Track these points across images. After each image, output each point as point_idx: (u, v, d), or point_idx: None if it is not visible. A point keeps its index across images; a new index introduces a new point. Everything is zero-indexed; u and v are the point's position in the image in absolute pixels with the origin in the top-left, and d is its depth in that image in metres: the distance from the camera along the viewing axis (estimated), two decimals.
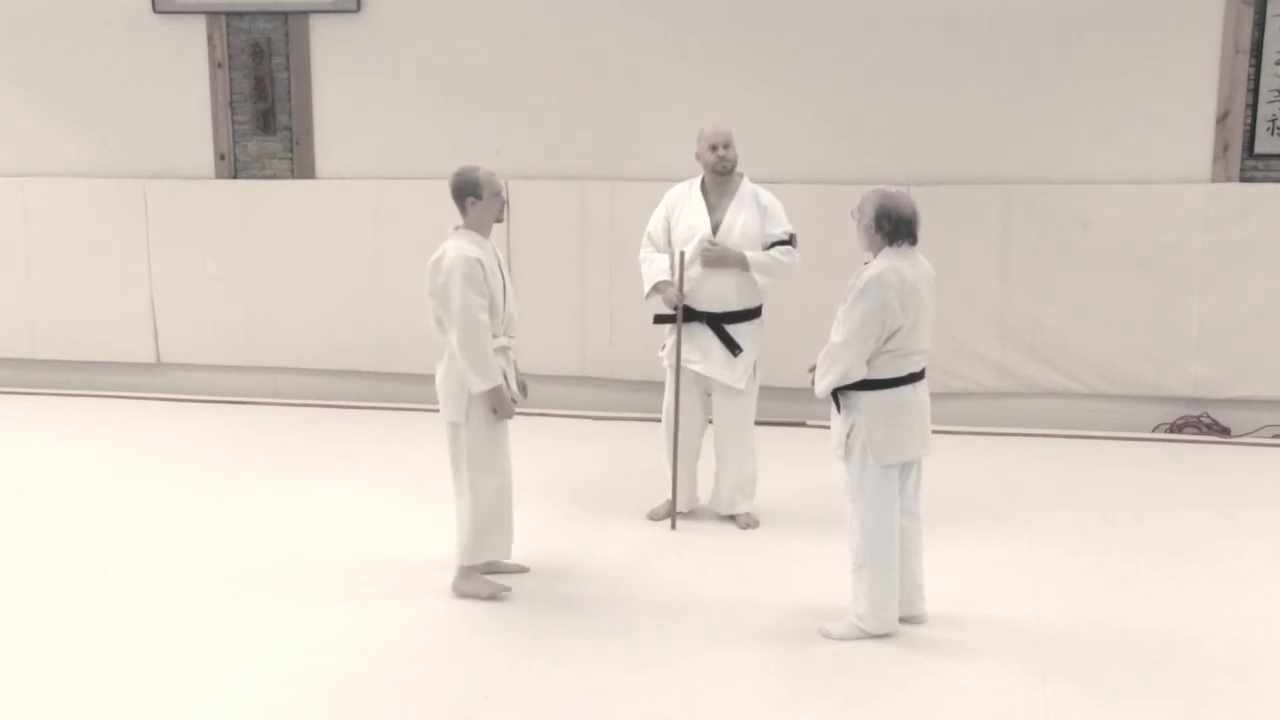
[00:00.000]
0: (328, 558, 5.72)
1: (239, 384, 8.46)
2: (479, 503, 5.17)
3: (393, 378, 8.19)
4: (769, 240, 5.85)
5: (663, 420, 6.13)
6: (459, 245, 5.07)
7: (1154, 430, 7.53)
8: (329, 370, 8.35)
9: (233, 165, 8.30)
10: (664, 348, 6.05)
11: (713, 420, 6.09)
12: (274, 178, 8.27)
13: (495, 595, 5.24)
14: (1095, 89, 7.35)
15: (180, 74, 8.22)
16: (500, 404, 5.12)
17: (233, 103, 8.22)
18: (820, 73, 7.60)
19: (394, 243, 8.04)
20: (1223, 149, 7.29)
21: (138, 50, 8.24)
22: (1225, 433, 7.44)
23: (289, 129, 8.20)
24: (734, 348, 5.88)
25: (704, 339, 5.91)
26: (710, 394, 6.03)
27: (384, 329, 8.17)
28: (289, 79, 8.14)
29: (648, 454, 6.52)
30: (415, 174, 8.04)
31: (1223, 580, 5.44)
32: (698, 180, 5.96)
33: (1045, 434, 7.49)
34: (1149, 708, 4.40)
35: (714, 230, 5.85)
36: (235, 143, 8.27)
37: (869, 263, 4.77)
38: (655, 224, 6.01)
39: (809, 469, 6.48)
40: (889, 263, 4.70)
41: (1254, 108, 7.23)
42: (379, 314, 8.18)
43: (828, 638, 4.89)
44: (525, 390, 5.39)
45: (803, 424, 7.46)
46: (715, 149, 5.82)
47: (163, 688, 4.58)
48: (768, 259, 5.81)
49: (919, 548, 5.00)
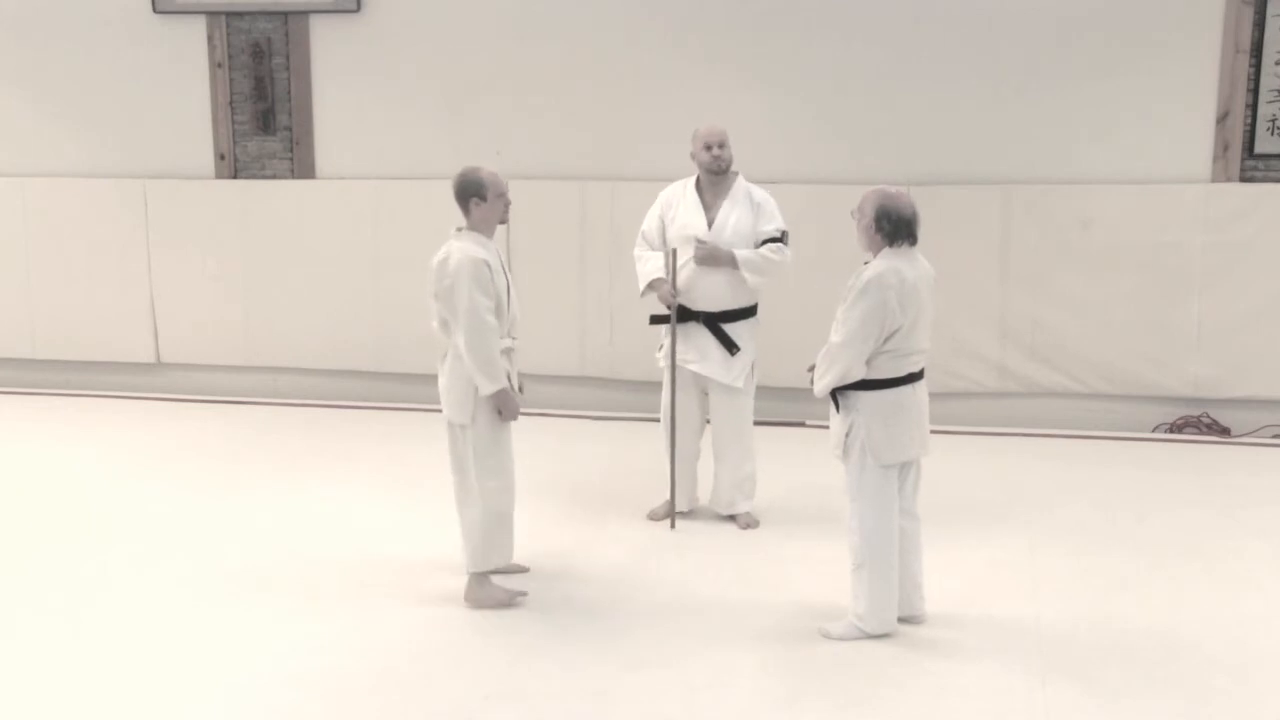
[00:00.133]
0: (328, 558, 5.72)
1: (239, 384, 8.46)
2: (488, 506, 5.13)
3: (393, 378, 8.19)
4: (760, 238, 5.84)
5: (661, 421, 6.13)
6: (465, 247, 5.03)
7: (1154, 430, 7.53)
8: (329, 370, 8.35)
9: (233, 165, 8.30)
10: (661, 348, 6.05)
11: (710, 420, 6.09)
12: (274, 178, 8.27)
13: (512, 602, 5.19)
14: (1095, 89, 7.35)
15: (180, 74, 8.22)
16: (507, 406, 5.09)
17: (233, 103, 8.22)
18: (820, 73, 7.60)
19: (394, 243, 8.04)
20: (1223, 149, 7.29)
21: (138, 50, 8.23)
22: (1225, 433, 7.44)
23: (289, 129, 8.20)
24: (731, 346, 5.88)
25: (701, 338, 5.91)
26: (708, 393, 6.03)
27: (384, 329, 8.17)
28: (289, 79, 8.14)
29: (648, 454, 6.53)
30: (415, 174, 8.04)
31: (1223, 580, 5.44)
32: (693, 179, 5.96)
33: (1045, 434, 7.49)
34: (1149, 708, 4.40)
35: (708, 228, 5.85)
36: (235, 143, 8.27)
37: (868, 263, 4.77)
38: (650, 223, 6.01)
39: (808, 469, 6.48)
40: (889, 263, 4.70)
41: (1254, 108, 7.23)
42: (379, 314, 8.18)
43: (827, 638, 4.89)
44: (522, 390, 5.38)
45: (802, 424, 7.46)
46: (710, 148, 5.82)
47: (163, 688, 4.58)
48: (757, 257, 5.80)
49: (918, 548, 5.00)
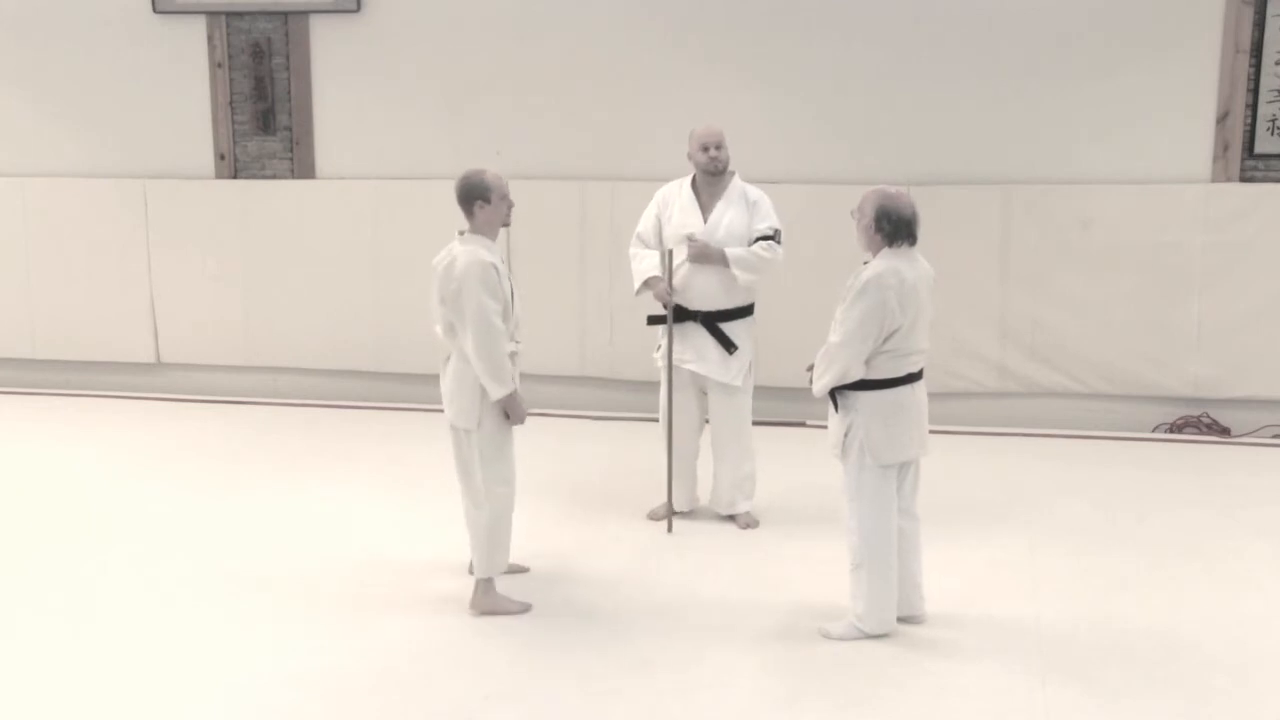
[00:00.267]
0: (327, 558, 5.72)
1: (239, 384, 8.46)
2: (495, 511, 5.10)
3: (393, 378, 8.19)
4: (753, 235, 5.84)
5: (660, 421, 6.13)
6: (472, 250, 4.99)
7: (1154, 430, 7.53)
8: (329, 370, 8.35)
9: (233, 165, 8.30)
10: (659, 348, 6.05)
11: (709, 420, 6.09)
12: (274, 178, 8.27)
13: (523, 611, 5.15)
14: (1095, 89, 7.35)
15: (180, 74, 8.22)
16: (515, 410, 5.06)
17: (233, 103, 8.22)
18: (820, 73, 7.60)
19: (394, 243, 8.04)
20: (1223, 149, 7.29)
21: (138, 50, 8.23)
22: (1225, 433, 7.44)
23: (289, 129, 8.20)
24: (729, 346, 5.88)
25: (698, 338, 5.91)
26: (706, 393, 6.03)
27: (384, 329, 8.17)
28: (289, 79, 8.14)
29: (648, 454, 6.52)
30: (415, 174, 8.04)
31: (1223, 580, 5.44)
32: (688, 179, 5.96)
33: (1045, 434, 7.49)
34: (1149, 708, 4.40)
35: (704, 223, 5.85)
36: (235, 143, 8.27)
37: (868, 263, 4.77)
38: (645, 223, 6.01)
39: (808, 469, 6.48)
40: (888, 263, 4.70)
41: (1254, 108, 7.23)
42: (379, 314, 8.17)
43: (827, 638, 4.89)
44: None
45: (802, 424, 7.45)
46: (707, 149, 5.82)
47: (163, 687, 4.58)
48: (749, 255, 5.80)
49: (917, 548, 5.00)
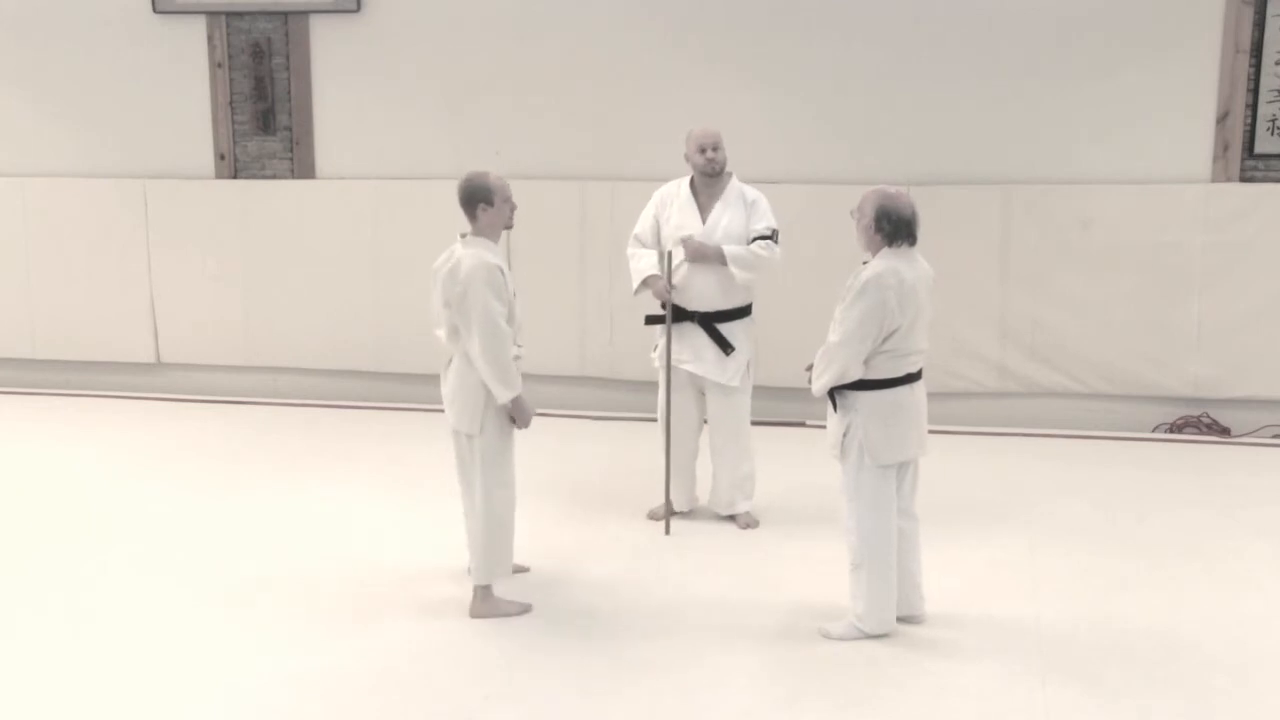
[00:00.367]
0: (328, 558, 5.72)
1: (239, 384, 8.46)
2: (495, 514, 5.07)
3: (393, 378, 8.19)
4: (751, 235, 5.84)
5: (658, 422, 6.13)
6: (476, 253, 4.95)
7: (1154, 430, 7.53)
8: (329, 370, 8.35)
9: (233, 165, 8.30)
10: (656, 348, 6.05)
11: (707, 420, 6.09)
12: (274, 178, 8.27)
13: (523, 612, 5.14)
14: (1095, 89, 7.35)
15: (180, 74, 8.22)
16: (522, 414, 5.03)
17: (233, 103, 8.22)
18: (820, 73, 7.60)
19: (394, 243, 8.04)
20: (1223, 149, 7.29)
21: (138, 50, 8.23)
22: (1225, 433, 7.44)
23: (289, 129, 8.20)
24: (725, 346, 5.88)
25: (695, 338, 5.91)
26: (704, 393, 6.03)
27: (384, 329, 8.17)
28: (289, 79, 8.14)
29: (648, 454, 6.52)
30: (415, 174, 8.04)
31: (1223, 580, 5.44)
32: (686, 179, 5.96)
33: (1045, 434, 7.49)
34: (1149, 708, 4.40)
35: (703, 224, 5.85)
36: (235, 143, 8.27)
37: (867, 263, 4.77)
38: (643, 225, 6.00)
39: (808, 469, 6.48)
40: (888, 263, 4.70)
41: (1254, 108, 7.23)
42: (379, 314, 8.17)
43: (827, 638, 4.89)
44: None
45: (801, 424, 7.45)
46: (704, 151, 5.82)
47: (163, 687, 4.58)
48: (746, 253, 5.79)
49: (916, 547, 5.00)
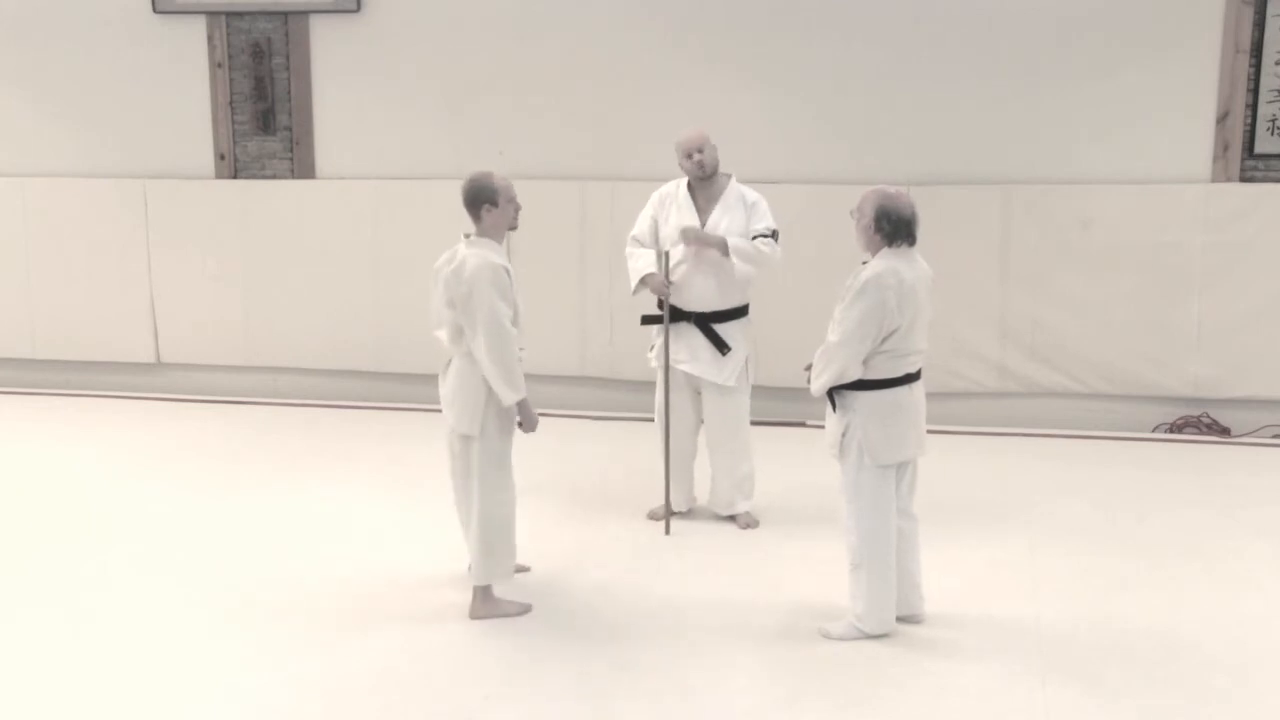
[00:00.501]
0: (328, 558, 5.72)
1: (239, 384, 8.46)
2: (494, 517, 5.05)
3: (393, 378, 8.19)
4: (751, 234, 5.85)
5: (655, 422, 6.14)
6: (481, 253, 4.92)
7: (1154, 430, 7.53)
8: (329, 370, 8.35)
9: (233, 165, 8.30)
10: (652, 348, 6.05)
11: (704, 420, 6.09)
12: (274, 178, 8.27)
13: (523, 613, 5.13)
14: (1095, 89, 7.35)
15: (180, 74, 8.22)
16: (528, 416, 5.00)
17: (233, 103, 8.22)
18: (820, 73, 7.60)
19: (394, 243, 8.04)
20: (1223, 149, 7.29)
21: (138, 50, 8.23)
22: (1225, 433, 7.44)
23: (289, 129, 8.20)
24: (722, 347, 5.88)
25: (692, 339, 5.91)
26: (701, 393, 6.03)
27: (384, 329, 8.16)
28: (289, 79, 8.14)
29: (647, 454, 6.52)
30: (415, 174, 8.04)
31: (1223, 580, 5.44)
32: (685, 181, 5.96)
33: (1045, 434, 7.49)
34: (1149, 707, 4.40)
35: (701, 228, 5.85)
36: (235, 143, 8.27)
37: (867, 263, 4.77)
38: (641, 225, 6.00)
39: (808, 469, 6.47)
40: (887, 263, 4.70)
41: (1254, 108, 7.23)
42: (379, 314, 8.17)
43: (827, 638, 4.89)
44: None
45: (801, 424, 7.45)
46: (690, 156, 5.83)
47: (163, 687, 4.58)
48: (749, 245, 5.79)
49: (916, 547, 5.00)
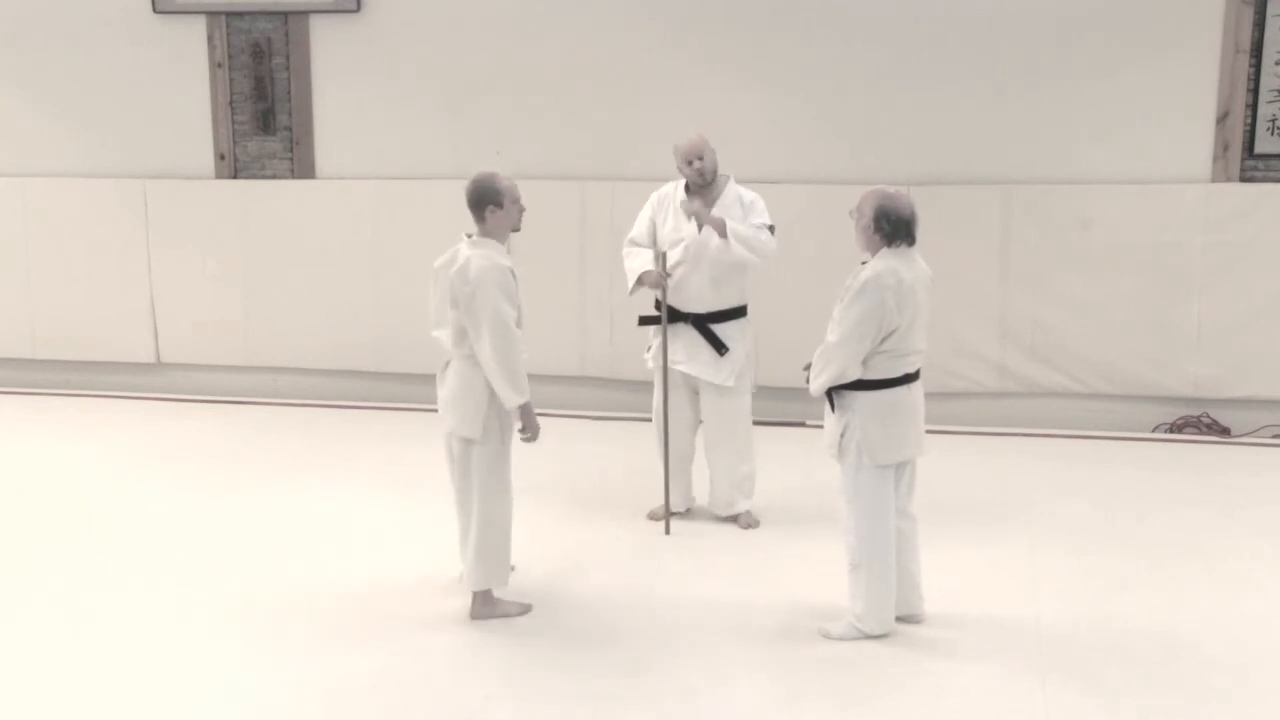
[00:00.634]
0: (327, 558, 5.72)
1: (239, 384, 8.46)
2: (495, 521, 5.04)
3: (393, 378, 8.19)
4: None
5: (653, 422, 6.14)
6: (486, 254, 4.89)
7: (1154, 430, 7.53)
8: (329, 370, 8.35)
9: (233, 165, 8.30)
10: (649, 349, 6.05)
11: (703, 420, 6.08)
12: (274, 178, 8.27)
13: (523, 613, 5.12)
14: (1095, 89, 7.35)
15: (180, 74, 8.22)
16: (531, 420, 4.96)
17: (233, 103, 8.22)
18: (820, 73, 7.60)
19: (394, 243, 8.04)
20: (1223, 149, 7.29)
21: (138, 50, 8.23)
22: (1225, 433, 7.44)
23: (289, 129, 8.20)
24: (720, 347, 5.88)
25: (689, 339, 5.91)
26: (699, 393, 6.03)
27: (384, 329, 8.16)
28: (289, 79, 8.14)
29: (647, 454, 6.52)
30: (415, 174, 8.04)
31: (1223, 580, 5.44)
32: (683, 182, 5.96)
33: (1045, 434, 7.48)
34: (1149, 707, 4.40)
35: (698, 231, 5.85)
36: (235, 143, 8.27)
37: (866, 263, 4.77)
38: (639, 227, 6.00)
39: (808, 469, 6.48)
40: (887, 263, 4.69)
41: (1254, 108, 7.23)
42: (379, 314, 8.17)
43: (827, 638, 4.89)
44: None
45: (801, 424, 7.45)
46: (691, 163, 5.82)
47: (163, 687, 4.58)
48: (748, 229, 5.78)
49: (915, 547, 5.00)
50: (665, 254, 5.84)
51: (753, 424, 6.09)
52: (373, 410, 8.05)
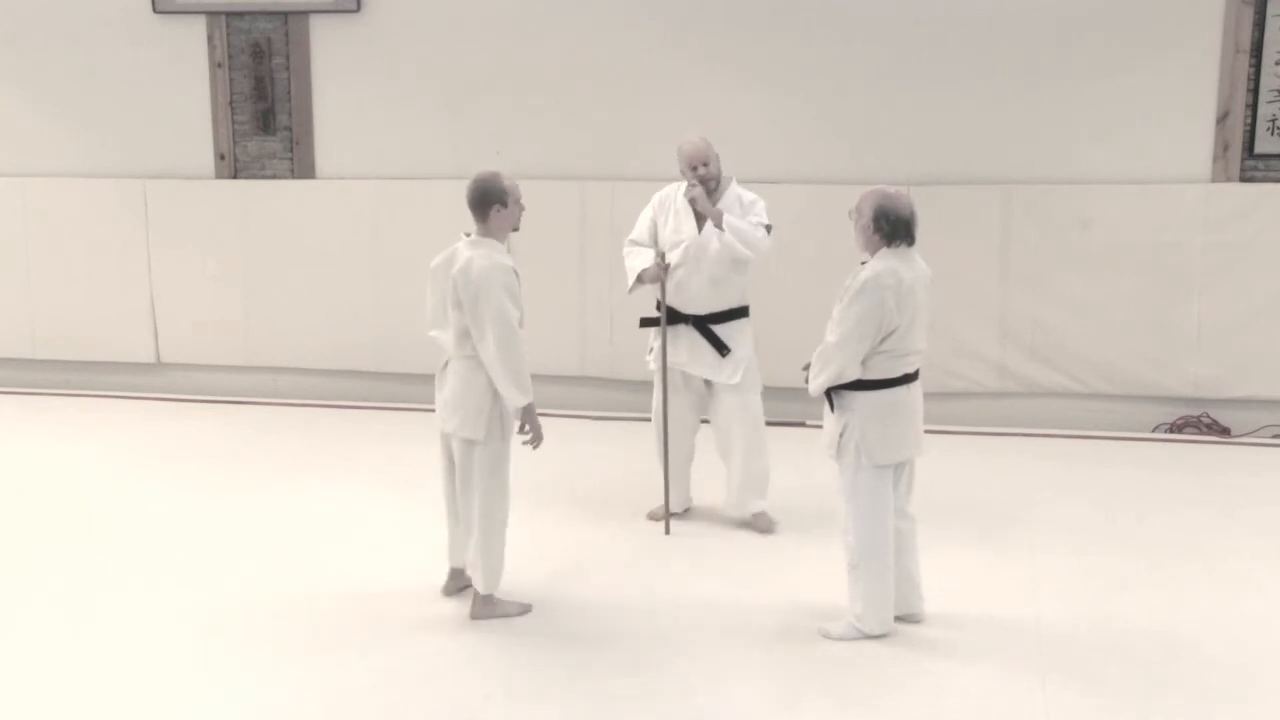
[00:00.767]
0: (328, 558, 5.72)
1: (239, 384, 8.45)
2: (496, 522, 5.03)
3: (393, 378, 8.19)
4: None
5: (652, 423, 6.13)
6: (488, 254, 4.87)
7: (1154, 430, 7.53)
8: (329, 370, 8.35)
9: (233, 165, 8.30)
10: (651, 351, 6.05)
11: (713, 421, 6.08)
12: (274, 178, 8.27)
13: (524, 613, 5.12)
14: (1095, 89, 7.35)
15: (180, 74, 8.22)
16: (535, 421, 4.93)
17: (233, 103, 8.22)
18: (820, 73, 7.60)
19: (394, 243, 8.04)
20: (1223, 149, 7.29)
21: (138, 50, 8.23)
22: (1225, 433, 7.44)
23: (289, 129, 8.20)
24: (721, 348, 5.88)
25: (691, 339, 5.91)
26: (703, 394, 6.02)
27: (384, 329, 8.16)
28: (289, 79, 8.14)
29: (648, 454, 6.51)
30: (415, 174, 8.04)
31: (1223, 580, 5.44)
32: (684, 184, 5.96)
33: (1045, 434, 7.48)
34: (1149, 707, 4.40)
35: (699, 232, 5.85)
36: (235, 143, 8.27)
37: (866, 263, 4.77)
38: (640, 228, 6.00)
39: (808, 469, 6.46)
40: (886, 263, 4.69)
41: (1254, 108, 7.23)
42: (379, 314, 8.17)
43: (827, 638, 4.89)
44: None
45: (802, 424, 7.45)
46: (695, 169, 5.81)
47: (163, 687, 4.58)
48: (744, 224, 5.77)
49: (914, 547, 5.00)
50: (664, 254, 5.83)
51: (765, 422, 6.07)
52: (373, 410, 8.05)
